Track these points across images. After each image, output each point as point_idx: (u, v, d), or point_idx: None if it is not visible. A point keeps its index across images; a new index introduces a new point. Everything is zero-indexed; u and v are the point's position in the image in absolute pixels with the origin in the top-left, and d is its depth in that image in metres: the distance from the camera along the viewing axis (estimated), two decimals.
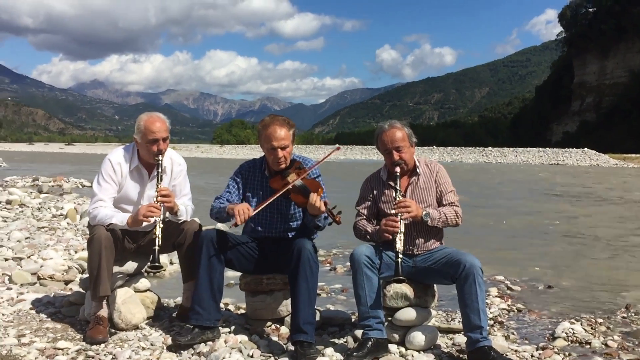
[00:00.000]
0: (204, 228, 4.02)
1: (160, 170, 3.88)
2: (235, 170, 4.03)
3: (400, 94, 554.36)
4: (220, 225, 6.36)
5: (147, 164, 4.02)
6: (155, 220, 3.68)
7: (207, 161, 53.73)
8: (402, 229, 3.54)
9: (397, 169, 3.73)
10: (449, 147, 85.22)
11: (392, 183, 3.81)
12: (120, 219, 3.81)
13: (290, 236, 3.91)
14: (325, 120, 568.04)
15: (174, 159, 4.14)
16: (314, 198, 3.49)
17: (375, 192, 3.87)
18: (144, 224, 3.80)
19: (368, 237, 3.78)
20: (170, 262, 6.31)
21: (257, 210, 3.65)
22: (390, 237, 3.57)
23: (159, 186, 3.82)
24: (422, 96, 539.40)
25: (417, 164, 3.84)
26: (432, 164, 3.88)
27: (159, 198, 3.77)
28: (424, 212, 3.65)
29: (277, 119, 3.83)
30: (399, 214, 3.56)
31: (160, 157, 3.90)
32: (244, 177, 3.96)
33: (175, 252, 4.11)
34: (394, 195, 3.70)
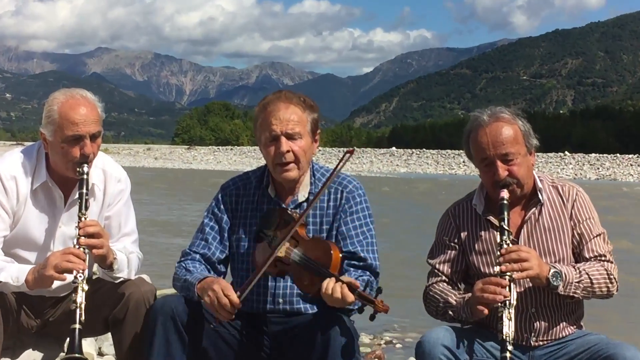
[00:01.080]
0: (159, 293, 4.06)
1: (85, 190, 3.92)
2: (215, 197, 4.11)
3: (506, 59, 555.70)
4: None
5: (63, 179, 4.07)
6: (76, 277, 3.71)
7: (166, 174, 54.39)
8: (514, 300, 3.55)
9: (505, 194, 3.74)
10: (593, 155, 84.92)
11: (492, 219, 3.83)
12: (12, 274, 3.84)
13: (307, 310, 3.95)
14: (373, 103, 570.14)
15: (108, 171, 4.20)
16: (330, 285, 3.51)
17: (463, 234, 3.91)
18: (56, 283, 3.84)
19: (450, 313, 3.81)
20: (99, 353, 6.35)
21: (245, 294, 3.68)
22: (486, 310, 3.57)
23: (83, 219, 3.86)
24: (545, 63, 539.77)
25: (539, 185, 3.87)
26: (565, 186, 3.92)
27: (82, 239, 3.81)
28: (552, 271, 3.65)
29: (285, 93, 4.01)
30: (508, 274, 3.57)
31: (85, 168, 3.95)
32: (230, 207, 4.06)
33: (109, 335, 4.15)
34: (499, 240, 3.70)
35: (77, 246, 3.79)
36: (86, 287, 3.70)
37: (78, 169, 3.94)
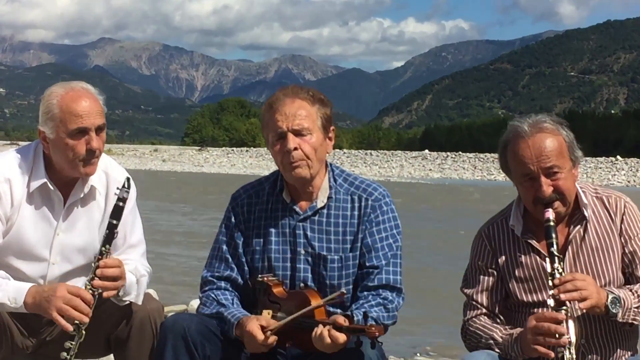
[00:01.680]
0: (167, 310, 4.06)
1: (115, 221, 3.90)
2: (226, 209, 4.17)
3: (552, 52, 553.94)
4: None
5: (63, 181, 4.09)
6: (77, 326, 3.74)
7: (174, 178, 54.60)
8: (573, 338, 3.49)
9: (550, 214, 3.69)
10: None
11: (534, 242, 3.81)
12: (10, 294, 3.83)
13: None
14: (403, 101, 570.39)
15: (111, 175, 4.21)
16: (317, 333, 3.65)
17: (500, 259, 3.89)
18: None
19: (496, 350, 3.77)
20: None
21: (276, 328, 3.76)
22: (550, 353, 3.50)
23: (106, 255, 3.85)
24: (595, 58, 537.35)
25: (583, 200, 3.83)
26: (612, 197, 3.88)
27: (97, 281, 3.80)
28: (611, 297, 3.61)
29: (291, 87, 4.08)
30: (564, 307, 3.50)
31: (125, 194, 3.92)
32: (242, 217, 4.13)
33: (111, 357, 4.16)
34: (550, 268, 3.63)
35: (89, 286, 3.79)
36: (84, 334, 3.73)
37: (116, 194, 3.93)
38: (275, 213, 4.07)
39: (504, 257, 3.89)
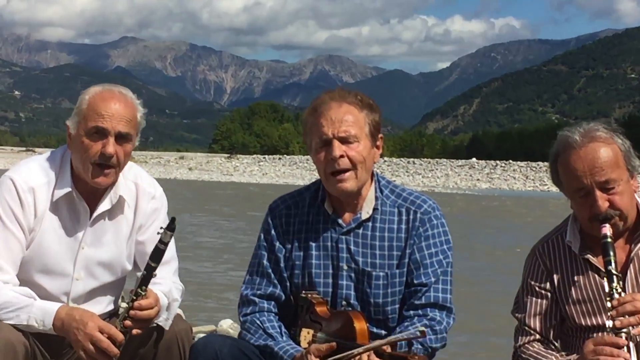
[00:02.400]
0: (195, 331, 4.07)
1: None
2: (264, 221, 4.18)
3: (610, 53, 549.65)
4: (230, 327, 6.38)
5: (89, 191, 4.11)
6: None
7: (202, 187, 54.75)
8: None
9: (607, 230, 3.66)
10: None
11: (592, 259, 3.78)
12: (37, 316, 3.84)
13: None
14: (449, 105, 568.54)
15: (141, 186, 4.25)
16: (357, 358, 3.65)
17: (556, 278, 3.86)
18: None
19: None
20: None
21: None
22: None
23: (142, 295, 3.84)
24: None
25: None
26: None
27: (128, 322, 3.81)
28: None
29: (338, 91, 4.07)
30: (625, 330, 3.47)
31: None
32: (281, 230, 4.13)
33: None
34: (608, 288, 3.60)
35: (119, 324, 3.80)
36: None
37: (159, 233, 3.85)
38: (316, 225, 4.07)
39: (559, 277, 3.86)
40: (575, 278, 3.82)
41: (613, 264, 3.60)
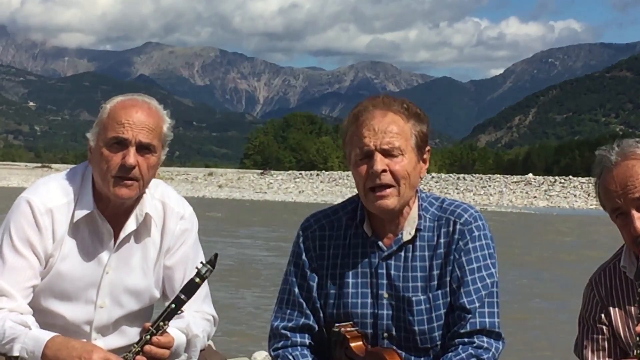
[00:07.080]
0: None
1: (184, 296, 3.80)
2: (294, 242, 4.12)
3: None
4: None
5: (113, 211, 4.09)
6: None
7: (232, 207, 54.86)
8: None
9: None
10: None
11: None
12: (28, 346, 3.75)
13: None
14: (503, 115, 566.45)
15: (170, 205, 4.24)
16: None
17: (612, 310, 3.84)
18: None
19: None
20: None
21: None
22: None
23: (163, 329, 3.77)
24: None
25: None
26: None
27: (140, 357, 3.73)
28: None
29: (383, 98, 3.99)
30: None
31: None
32: (314, 254, 4.07)
33: None
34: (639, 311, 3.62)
35: (131, 357, 3.73)
36: None
37: (197, 267, 3.78)
38: (354, 250, 4.00)
39: (616, 308, 3.83)
40: (632, 307, 3.76)
41: None
